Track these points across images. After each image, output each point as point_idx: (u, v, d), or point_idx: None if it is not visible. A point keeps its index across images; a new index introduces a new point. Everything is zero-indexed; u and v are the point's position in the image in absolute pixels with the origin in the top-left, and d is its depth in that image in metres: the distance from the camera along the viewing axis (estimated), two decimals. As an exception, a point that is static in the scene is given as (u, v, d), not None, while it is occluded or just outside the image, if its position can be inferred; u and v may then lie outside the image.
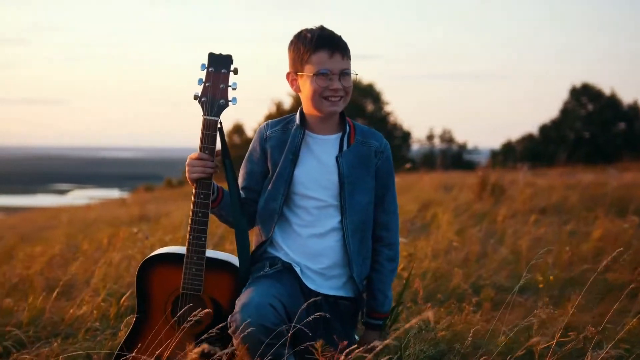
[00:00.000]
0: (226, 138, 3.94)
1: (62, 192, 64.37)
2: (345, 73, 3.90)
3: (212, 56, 3.91)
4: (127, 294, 5.48)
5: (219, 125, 3.87)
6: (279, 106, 55.94)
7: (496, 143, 58.37)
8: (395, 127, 58.61)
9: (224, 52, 3.91)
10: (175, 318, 3.89)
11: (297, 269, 3.94)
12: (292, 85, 4.00)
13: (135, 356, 3.89)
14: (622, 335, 4.02)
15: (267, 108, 53.99)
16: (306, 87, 3.92)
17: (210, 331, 3.75)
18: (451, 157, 53.95)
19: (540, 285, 4.38)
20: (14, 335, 4.89)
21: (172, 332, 3.90)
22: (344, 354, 3.13)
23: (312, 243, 3.95)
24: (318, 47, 3.86)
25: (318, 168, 3.96)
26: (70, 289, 6.27)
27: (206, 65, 3.90)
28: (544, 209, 11.59)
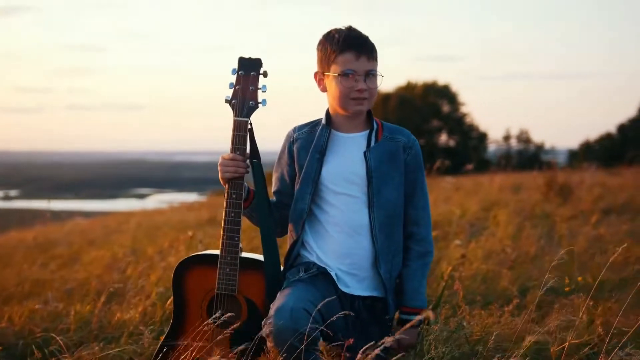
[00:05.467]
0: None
1: (141, 196, 65.09)
2: (370, 74, 3.90)
3: (242, 60, 3.98)
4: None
5: (249, 126, 3.93)
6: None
7: (574, 143, 57.65)
8: (472, 128, 58.22)
9: (254, 56, 3.97)
10: (209, 318, 3.92)
11: (332, 273, 3.93)
12: (319, 84, 4.02)
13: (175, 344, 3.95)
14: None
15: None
16: (332, 87, 3.93)
17: (231, 328, 3.79)
18: (528, 157, 53.32)
19: (567, 289, 4.32)
20: (57, 340, 4.95)
21: (208, 333, 3.94)
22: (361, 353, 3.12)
23: (344, 241, 3.93)
24: (344, 48, 3.87)
25: (346, 164, 3.96)
26: (123, 293, 6.35)
27: (236, 69, 3.97)
28: (609, 210, 11.38)
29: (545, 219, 10.15)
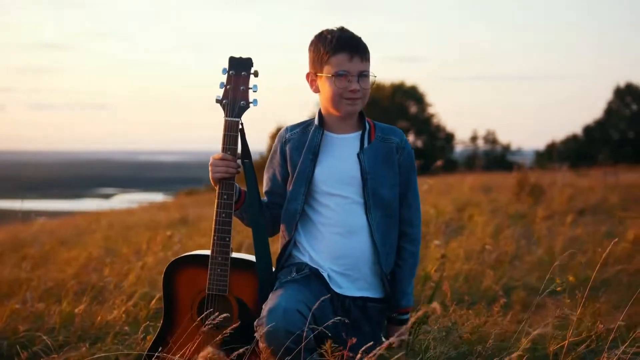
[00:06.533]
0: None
1: (106, 196, 64.61)
2: (363, 75, 3.89)
3: (232, 60, 3.96)
4: (157, 296, 5.50)
5: (240, 127, 3.91)
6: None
7: (540, 144, 58.09)
8: (439, 128, 58.43)
9: (244, 56, 3.96)
10: (200, 319, 3.91)
11: (325, 274, 3.92)
12: (311, 85, 4.01)
13: (163, 356, 3.92)
14: (638, 334, 3.97)
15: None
16: (325, 88, 3.92)
17: (230, 329, 3.77)
18: (495, 158, 53.66)
19: (558, 289, 4.35)
20: (43, 340, 4.91)
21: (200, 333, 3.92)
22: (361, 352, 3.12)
23: (337, 241, 3.92)
24: (338, 49, 3.85)
25: (339, 165, 3.95)
26: (104, 293, 6.30)
27: (227, 69, 3.95)
28: (582, 210, 11.48)
29: (520, 219, 10.21)
